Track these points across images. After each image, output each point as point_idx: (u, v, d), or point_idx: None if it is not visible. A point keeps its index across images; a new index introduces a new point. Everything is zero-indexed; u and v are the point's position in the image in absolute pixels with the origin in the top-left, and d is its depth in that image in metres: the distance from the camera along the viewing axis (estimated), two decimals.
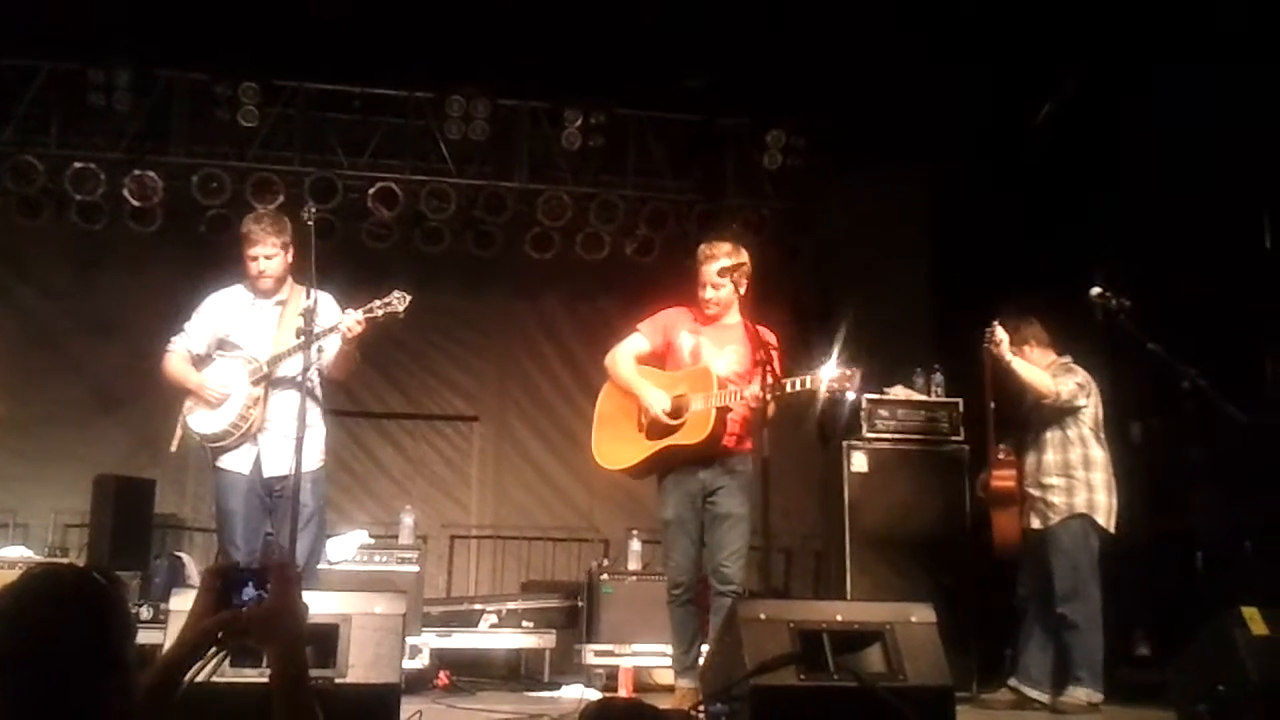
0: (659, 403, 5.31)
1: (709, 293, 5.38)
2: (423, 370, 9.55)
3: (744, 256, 5.37)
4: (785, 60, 8.06)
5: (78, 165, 8.15)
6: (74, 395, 8.86)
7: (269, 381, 5.35)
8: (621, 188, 8.94)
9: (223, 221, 8.45)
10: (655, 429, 5.36)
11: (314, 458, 5.36)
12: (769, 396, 4.88)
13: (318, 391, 5.46)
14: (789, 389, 4.99)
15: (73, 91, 8.20)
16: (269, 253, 5.35)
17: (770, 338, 5.26)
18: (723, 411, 5.18)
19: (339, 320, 5.19)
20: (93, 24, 7.82)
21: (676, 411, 5.30)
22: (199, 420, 5.41)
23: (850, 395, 5.26)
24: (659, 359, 5.53)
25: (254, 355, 5.34)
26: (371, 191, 8.52)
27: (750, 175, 9.01)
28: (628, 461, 5.48)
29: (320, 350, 5.21)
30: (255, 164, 8.45)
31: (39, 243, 8.74)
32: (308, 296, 5.11)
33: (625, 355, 5.52)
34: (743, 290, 5.33)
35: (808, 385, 5.00)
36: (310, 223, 5.11)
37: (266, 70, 8.27)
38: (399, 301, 5.22)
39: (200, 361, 5.48)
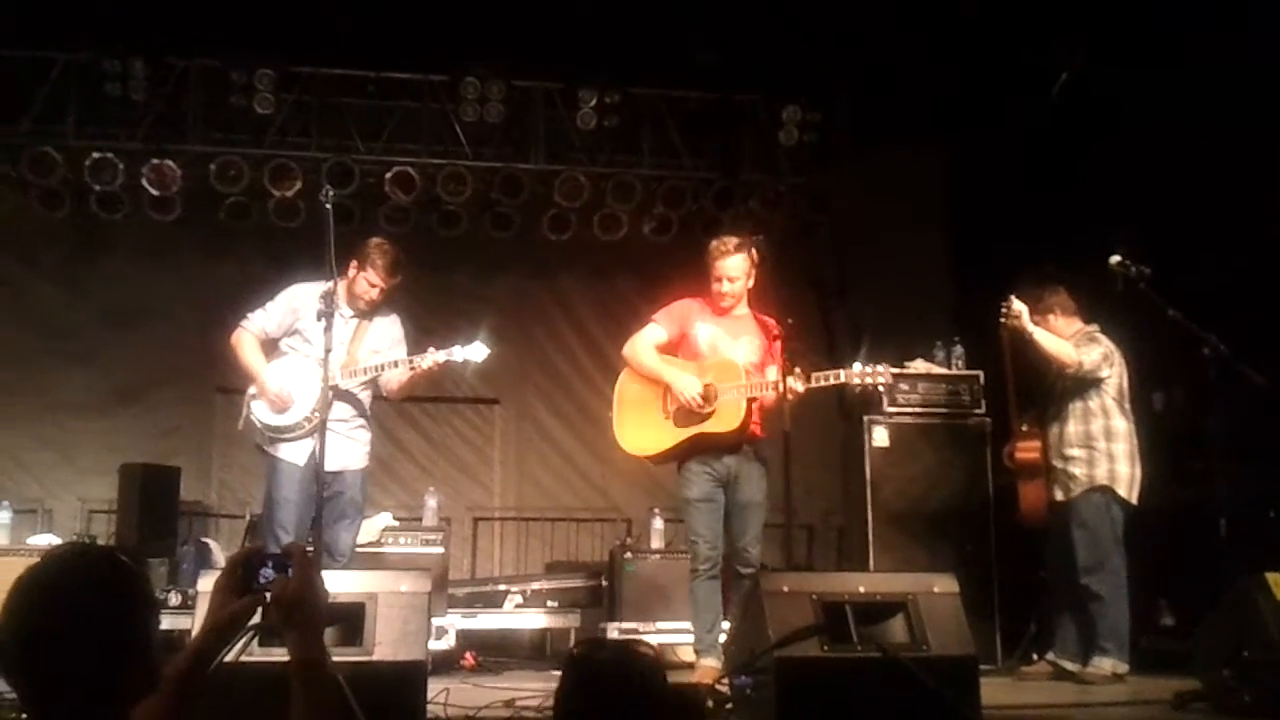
0: (692, 388, 5.39)
1: (725, 286, 5.54)
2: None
3: (753, 252, 5.58)
4: (799, 36, 8.03)
5: (96, 156, 8.16)
6: (97, 384, 8.93)
7: (338, 386, 5.59)
8: (638, 167, 8.91)
9: (242, 208, 8.53)
10: (683, 416, 5.47)
11: (364, 457, 5.86)
12: (802, 388, 5.19)
13: (371, 399, 5.92)
14: (818, 383, 5.27)
15: (89, 82, 8.21)
16: (384, 285, 5.69)
17: (775, 328, 5.44)
18: (751, 401, 5.37)
19: (419, 359, 5.56)
20: (107, 14, 7.86)
21: (707, 399, 5.40)
22: (264, 410, 5.63)
23: (882, 387, 5.52)
24: (673, 348, 5.65)
25: (327, 358, 5.30)
26: (388, 176, 8.51)
27: (766, 152, 8.97)
28: (656, 448, 5.58)
29: (380, 371, 5.70)
30: (272, 150, 8.46)
31: (59, 234, 8.77)
32: (331, 282, 5.31)
33: (646, 344, 5.62)
34: (751, 283, 5.57)
35: (841, 380, 5.30)
36: (329, 206, 5.20)
37: (281, 57, 8.29)
38: (476, 353, 5.60)
39: (268, 345, 5.73)
